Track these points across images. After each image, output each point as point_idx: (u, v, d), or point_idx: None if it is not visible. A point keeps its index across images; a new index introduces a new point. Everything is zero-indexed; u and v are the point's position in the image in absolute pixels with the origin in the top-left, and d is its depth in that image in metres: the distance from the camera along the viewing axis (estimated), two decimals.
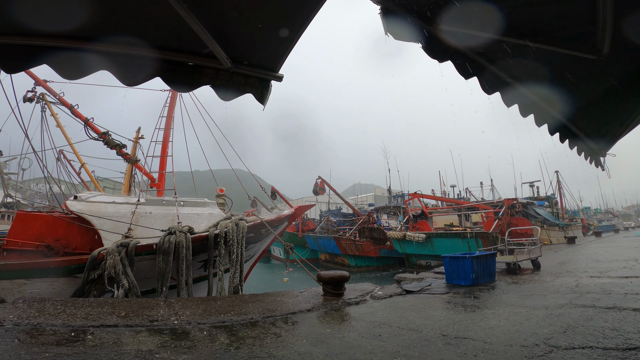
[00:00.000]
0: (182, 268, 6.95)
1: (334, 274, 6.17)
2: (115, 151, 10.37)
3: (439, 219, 24.33)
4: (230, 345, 3.51)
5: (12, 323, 3.89)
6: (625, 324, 4.02)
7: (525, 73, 2.78)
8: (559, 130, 3.35)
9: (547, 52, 2.53)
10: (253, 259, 10.84)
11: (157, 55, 2.50)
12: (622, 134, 3.40)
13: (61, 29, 2.28)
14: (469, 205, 24.09)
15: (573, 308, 4.92)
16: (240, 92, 2.69)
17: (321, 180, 27.89)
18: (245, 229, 7.80)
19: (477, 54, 2.62)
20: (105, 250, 6.58)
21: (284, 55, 2.54)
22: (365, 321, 4.53)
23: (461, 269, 7.16)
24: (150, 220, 8.03)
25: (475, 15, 2.23)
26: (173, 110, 11.63)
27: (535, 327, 4.09)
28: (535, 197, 30.78)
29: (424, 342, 3.64)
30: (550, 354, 3.22)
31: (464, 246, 16.82)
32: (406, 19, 2.26)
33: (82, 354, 3.15)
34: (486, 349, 3.41)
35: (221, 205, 10.28)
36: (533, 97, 2.99)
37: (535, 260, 9.37)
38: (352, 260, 22.68)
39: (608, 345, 3.37)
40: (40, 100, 11.13)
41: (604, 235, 27.99)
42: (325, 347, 3.49)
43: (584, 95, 3.02)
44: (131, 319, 4.33)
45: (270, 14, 2.22)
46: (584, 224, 36.48)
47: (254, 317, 4.62)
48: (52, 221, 7.38)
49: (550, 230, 21.76)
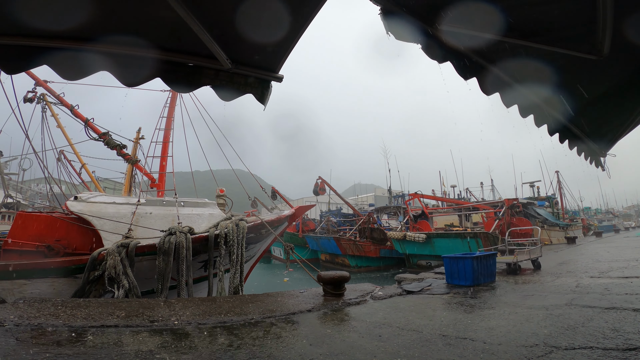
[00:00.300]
0: (183, 268, 6.95)
1: (334, 274, 6.17)
2: (116, 152, 10.38)
3: (440, 219, 24.33)
4: (230, 346, 3.51)
5: (12, 323, 3.89)
6: (626, 325, 4.02)
7: (525, 74, 2.78)
8: (558, 131, 3.35)
9: (547, 53, 2.54)
10: (253, 259, 10.83)
11: (157, 55, 2.51)
12: (622, 134, 3.40)
13: (61, 29, 2.28)
14: (469, 205, 24.09)
15: (573, 308, 4.92)
16: (241, 92, 2.69)
17: (321, 180, 27.87)
18: (245, 230, 7.80)
19: (477, 55, 2.62)
20: (106, 250, 6.58)
21: (284, 55, 2.54)
22: (366, 321, 4.53)
23: (461, 269, 7.16)
24: (150, 221, 8.03)
25: (474, 15, 2.24)
26: (173, 111, 11.64)
27: (535, 327, 4.09)
28: (535, 197, 30.77)
29: (424, 343, 3.64)
30: (550, 354, 3.22)
31: (464, 246, 16.81)
32: (406, 20, 2.26)
33: (83, 354, 3.15)
34: (486, 349, 3.41)
35: (221, 206, 10.28)
36: (533, 98, 2.99)
37: (535, 261, 9.36)
38: (352, 261, 22.67)
39: (608, 346, 3.37)
40: (41, 100, 11.15)
41: (604, 236, 27.98)
42: (326, 348, 3.50)
43: (583, 96, 3.02)
44: (131, 319, 4.33)
45: (270, 15, 2.22)
46: (584, 224, 36.46)
47: (254, 318, 4.62)
48: (53, 222, 7.38)
49: (550, 230, 21.75)
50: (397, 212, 31.15)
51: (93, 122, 10.28)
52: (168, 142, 11.28)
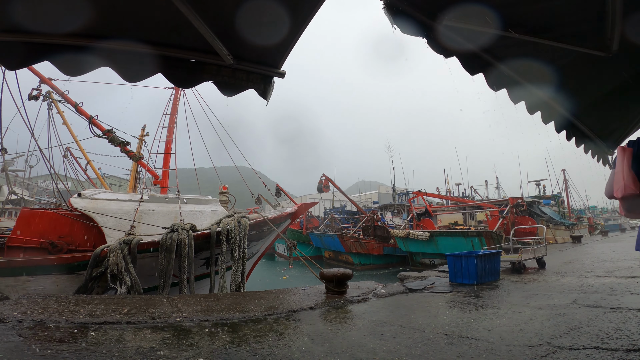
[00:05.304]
0: (184, 265, 6.96)
1: (336, 271, 6.14)
2: (120, 148, 10.41)
3: (444, 217, 24.25)
4: (231, 343, 3.51)
5: (15, 320, 3.91)
6: (631, 325, 3.97)
7: (532, 70, 2.74)
8: (565, 128, 3.30)
9: (555, 49, 2.49)
10: (256, 256, 10.84)
11: (159, 51, 2.49)
12: (630, 131, 3.35)
13: (63, 25, 2.27)
14: (473, 204, 23.98)
15: (578, 308, 4.87)
16: (243, 88, 2.67)
17: (326, 178, 27.86)
18: (247, 227, 7.79)
19: (483, 50, 2.57)
20: (108, 247, 6.61)
21: (287, 51, 2.52)
22: (368, 320, 4.51)
23: (465, 267, 7.12)
24: (153, 218, 8.05)
25: (480, 10, 2.19)
26: (177, 108, 11.65)
27: (539, 327, 4.05)
28: (541, 196, 30.60)
29: (426, 342, 3.61)
30: (554, 355, 3.18)
31: (468, 245, 16.75)
32: (410, 14, 2.23)
33: (84, 350, 3.16)
34: (489, 348, 3.38)
35: (224, 203, 10.30)
36: (540, 95, 2.95)
37: (540, 260, 9.29)
38: (355, 258, 22.67)
39: (613, 346, 3.32)
40: (47, 98, 11.20)
41: (610, 235, 27.74)
42: (327, 345, 3.48)
43: (591, 93, 2.97)
44: (133, 316, 4.34)
45: (271, 10, 2.19)
46: (590, 223, 36.18)
47: (256, 315, 4.61)
48: (56, 218, 7.42)
49: (556, 229, 21.61)
50: (401, 210, 31.08)
51: (97, 119, 10.32)
52: (171, 140, 11.29)
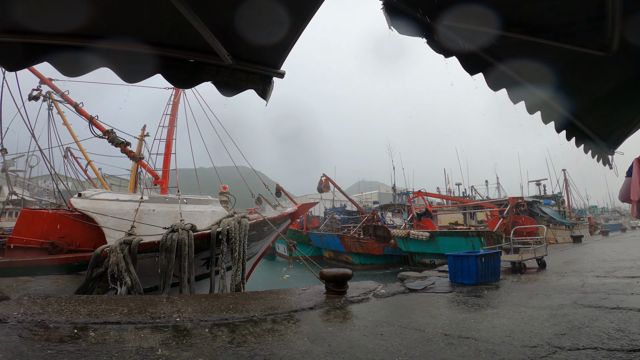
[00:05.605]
0: (185, 265, 6.96)
1: (336, 271, 6.14)
2: (120, 149, 10.41)
3: (444, 217, 24.24)
4: (231, 343, 3.51)
5: (15, 320, 3.91)
6: (631, 325, 3.96)
7: (532, 70, 2.73)
8: (565, 128, 3.29)
9: (554, 49, 2.48)
10: (256, 256, 10.85)
11: (158, 52, 2.49)
12: (630, 132, 3.34)
13: (62, 26, 2.27)
14: (473, 203, 23.97)
15: (578, 308, 4.86)
16: (242, 88, 2.67)
17: (326, 177, 27.88)
18: (247, 227, 7.79)
19: (483, 50, 2.57)
20: (109, 247, 6.61)
21: (286, 51, 2.51)
22: (368, 320, 4.50)
23: (465, 267, 7.11)
24: (153, 218, 8.05)
25: (480, 10, 2.19)
26: (177, 108, 11.65)
27: (539, 327, 4.04)
28: (541, 196, 30.57)
29: (426, 342, 3.61)
30: (554, 355, 3.17)
31: (468, 245, 16.75)
32: (409, 14, 2.22)
33: (84, 350, 3.16)
34: (489, 349, 3.37)
35: (224, 203, 10.30)
36: (540, 94, 2.94)
37: (540, 260, 9.28)
38: (356, 258, 22.67)
39: (613, 347, 3.32)
40: (47, 98, 11.20)
41: (611, 235, 27.70)
42: (327, 346, 3.48)
43: (591, 93, 2.96)
44: (134, 316, 4.34)
45: (271, 10, 2.19)
46: (591, 222, 36.14)
47: (256, 315, 4.61)
48: (56, 219, 7.43)
49: (556, 229, 21.59)
50: (401, 210, 31.08)
51: (97, 120, 10.32)
52: (172, 140, 11.29)
